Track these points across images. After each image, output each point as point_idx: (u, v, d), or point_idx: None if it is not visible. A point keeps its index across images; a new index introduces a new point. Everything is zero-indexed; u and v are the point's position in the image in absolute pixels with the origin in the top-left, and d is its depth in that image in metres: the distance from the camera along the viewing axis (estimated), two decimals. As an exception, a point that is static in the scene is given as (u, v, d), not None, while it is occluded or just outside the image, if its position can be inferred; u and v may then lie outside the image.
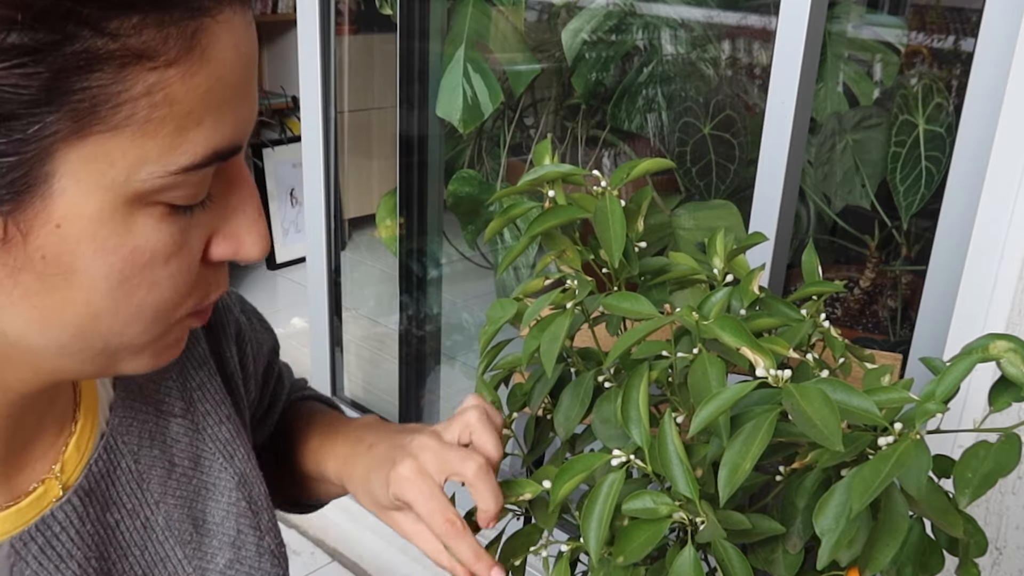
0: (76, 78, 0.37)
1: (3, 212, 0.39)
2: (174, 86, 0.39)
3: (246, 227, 0.47)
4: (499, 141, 2.06)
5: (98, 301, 0.43)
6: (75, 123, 0.38)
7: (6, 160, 0.37)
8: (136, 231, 0.42)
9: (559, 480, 0.61)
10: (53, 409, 0.54)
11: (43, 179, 0.38)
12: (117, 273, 0.42)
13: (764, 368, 0.54)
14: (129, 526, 0.58)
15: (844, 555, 0.54)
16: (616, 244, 0.69)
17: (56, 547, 0.52)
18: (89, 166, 0.39)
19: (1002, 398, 0.55)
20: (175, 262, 0.44)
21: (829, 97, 1.61)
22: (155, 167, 0.40)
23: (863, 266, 1.69)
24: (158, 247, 0.43)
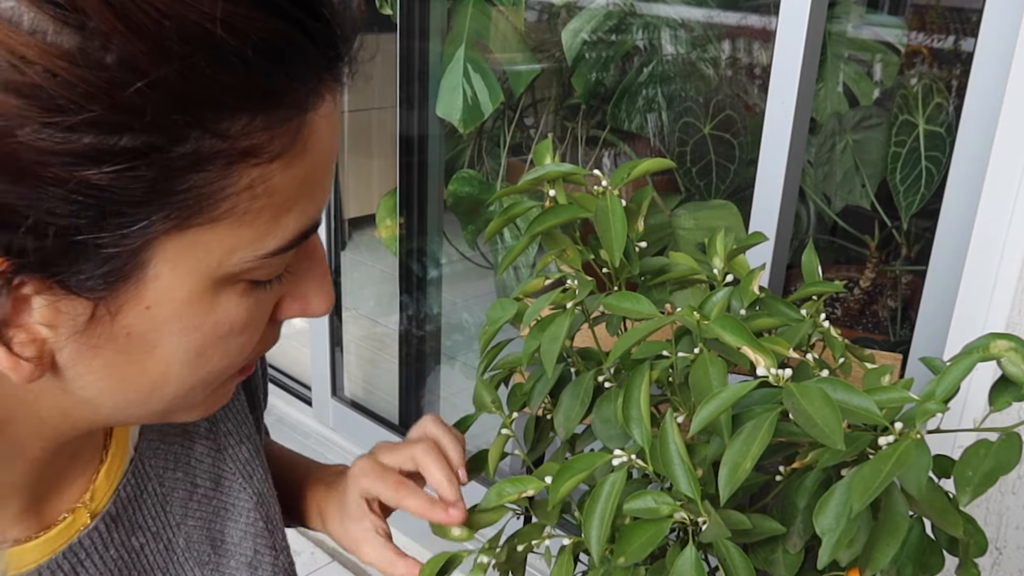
0: (183, 177, 0.37)
1: (95, 298, 0.39)
2: (275, 179, 0.40)
3: (315, 290, 0.48)
4: (499, 141, 2.06)
5: (174, 371, 0.44)
6: (177, 218, 0.38)
7: (105, 251, 0.37)
8: (219, 308, 0.43)
9: (559, 479, 0.61)
10: (89, 443, 0.55)
11: (139, 267, 0.39)
12: (196, 347, 0.44)
13: (765, 367, 0.54)
14: (153, 549, 0.59)
15: (844, 555, 0.54)
16: (617, 244, 0.69)
17: (84, 571, 0.53)
18: (185, 254, 0.40)
19: (1002, 397, 0.55)
20: (248, 331, 0.45)
21: (829, 97, 1.61)
22: (247, 252, 0.41)
23: (863, 266, 1.69)
24: (236, 320, 0.44)
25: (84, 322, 0.40)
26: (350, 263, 2.34)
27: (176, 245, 0.39)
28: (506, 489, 0.66)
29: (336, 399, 2.26)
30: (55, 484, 0.53)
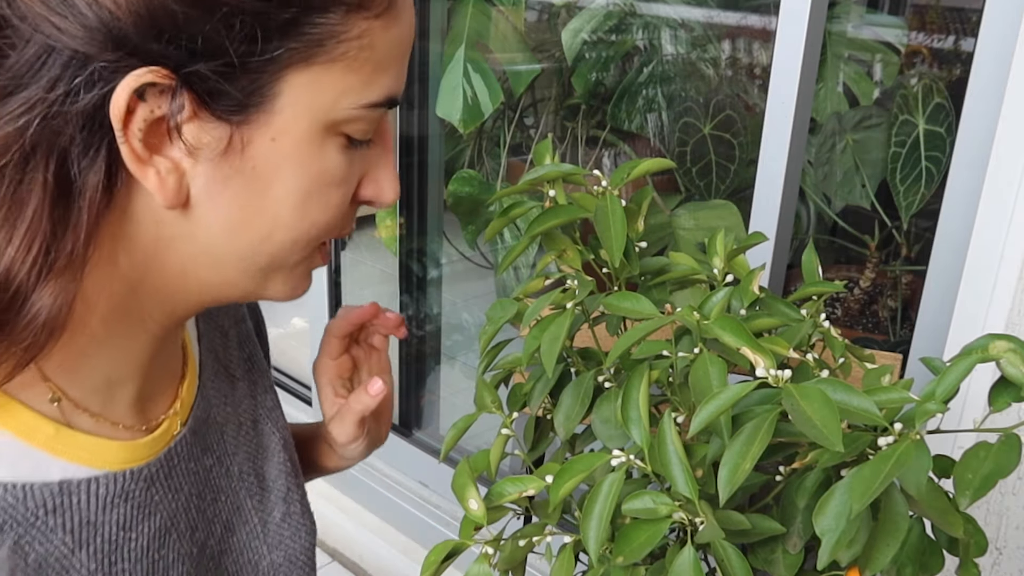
0: (316, 15, 0.45)
1: (234, 122, 0.46)
2: (377, 34, 0.48)
3: (386, 174, 0.55)
4: (499, 141, 2.06)
5: (284, 214, 0.50)
6: (306, 51, 0.46)
7: (249, 76, 0.45)
8: (325, 155, 0.50)
9: (559, 480, 0.61)
10: (174, 354, 0.62)
11: (271, 97, 0.46)
12: (304, 190, 0.50)
13: (764, 368, 0.54)
14: (218, 472, 0.65)
15: (844, 555, 0.54)
16: (617, 244, 0.69)
17: (175, 478, 0.59)
18: (306, 91, 0.47)
19: (1002, 398, 0.55)
20: (342, 190, 0.52)
21: (829, 97, 1.61)
22: (352, 99, 0.49)
23: (863, 266, 1.69)
24: (336, 172, 0.51)
25: (221, 150, 0.47)
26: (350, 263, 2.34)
27: (301, 81, 0.47)
28: (506, 488, 0.66)
29: (336, 399, 2.26)
30: (155, 386, 0.59)
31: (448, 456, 0.89)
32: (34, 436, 0.50)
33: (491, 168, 2.07)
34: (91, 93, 0.44)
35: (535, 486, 0.66)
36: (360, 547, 2.08)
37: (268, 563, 0.69)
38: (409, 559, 2.00)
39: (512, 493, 0.66)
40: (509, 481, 0.66)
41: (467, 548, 0.67)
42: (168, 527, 0.58)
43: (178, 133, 0.46)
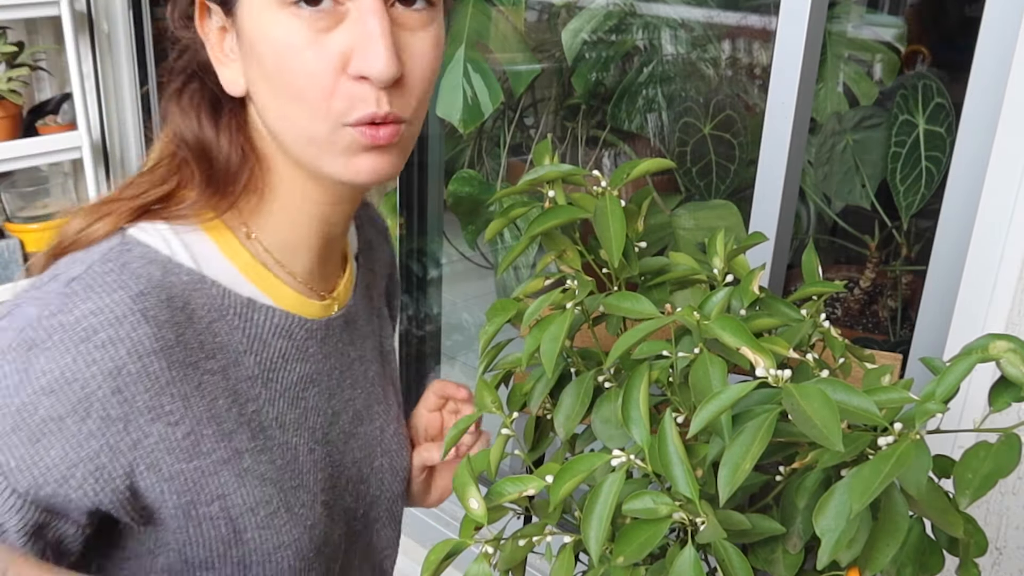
0: None
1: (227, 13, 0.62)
2: None
3: (366, 43, 0.59)
4: (499, 141, 2.06)
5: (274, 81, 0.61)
6: None
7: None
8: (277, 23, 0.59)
9: (559, 480, 0.61)
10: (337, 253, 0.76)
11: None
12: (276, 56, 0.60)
13: (764, 368, 0.54)
14: (358, 368, 0.79)
15: (844, 555, 0.54)
16: (616, 244, 0.69)
17: (328, 345, 0.75)
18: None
19: (1002, 398, 0.55)
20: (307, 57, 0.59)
21: (829, 97, 1.61)
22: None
23: (863, 266, 1.69)
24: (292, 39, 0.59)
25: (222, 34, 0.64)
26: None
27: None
28: (506, 488, 0.65)
29: (336, 399, 2.26)
30: (323, 269, 0.74)
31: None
32: (236, 258, 0.68)
33: (491, 168, 2.07)
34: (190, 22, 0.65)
35: (535, 486, 0.66)
36: (360, 547, 2.08)
37: (379, 464, 0.82)
38: (409, 559, 2.00)
39: (512, 493, 0.66)
40: (509, 481, 0.66)
41: (467, 547, 0.67)
42: (313, 378, 0.73)
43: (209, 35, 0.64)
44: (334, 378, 0.76)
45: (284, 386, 0.71)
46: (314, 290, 0.73)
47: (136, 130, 2.33)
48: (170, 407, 0.62)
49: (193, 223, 0.66)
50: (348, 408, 0.78)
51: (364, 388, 0.80)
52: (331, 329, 0.74)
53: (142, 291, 0.61)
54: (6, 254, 2.20)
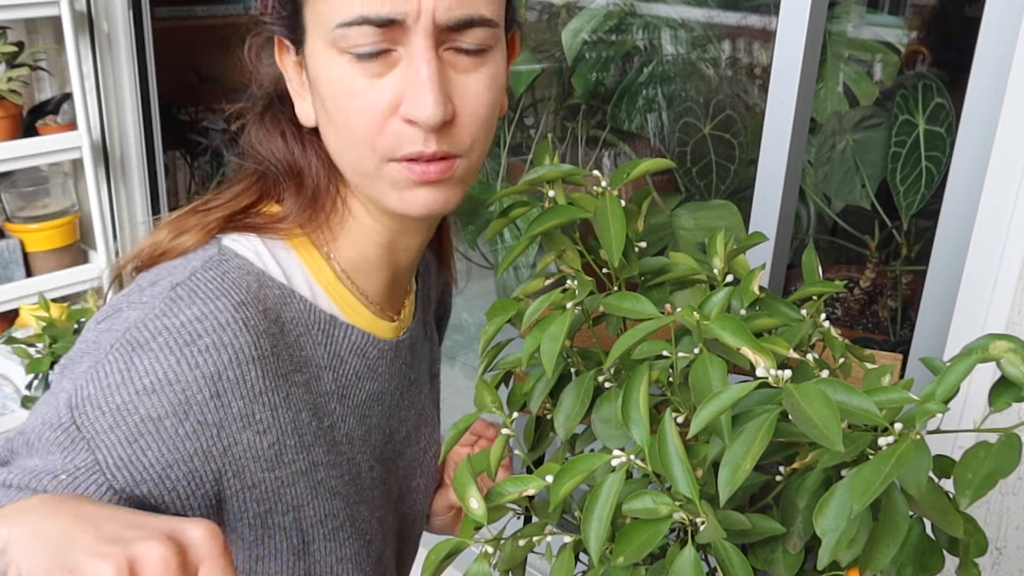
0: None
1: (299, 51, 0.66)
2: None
3: (415, 90, 0.61)
4: (499, 141, 2.05)
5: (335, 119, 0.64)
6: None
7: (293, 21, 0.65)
8: (337, 66, 0.62)
9: (559, 480, 0.61)
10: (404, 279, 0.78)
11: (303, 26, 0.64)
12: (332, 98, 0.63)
13: (764, 368, 0.54)
14: (415, 390, 0.82)
15: (844, 555, 0.54)
16: (616, 244, 0.69)
17: (395, 365, 0.77)
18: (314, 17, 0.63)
19: (1002, 398, 0.55)
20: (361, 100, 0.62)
21: (829, 97, 1.61)
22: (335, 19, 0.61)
23: (863, 266, 1.69)
24: (349, 83, 0.62)
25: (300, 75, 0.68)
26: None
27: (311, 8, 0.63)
28: (506, 488, 0.65)
29: (336, 399, 2.26)
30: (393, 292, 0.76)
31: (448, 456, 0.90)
32: (320, 275, 0.71)
33: (491, 168, 2.07)
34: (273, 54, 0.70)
35: (535, 486, 0.66)
36: (360, 547, 2.08)
37: (416, 484, 0.85)
38: (409, 559, 2.00)
39: (512, 493, 0.65)
40: (509, 481, 0.66)
41: (467, 547, 0.67)
42: (378, 397, 0.76)
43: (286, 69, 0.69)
44: (395, 398, 0.79)
45: (355, 403, 0.73)
46: (384, 311, 0.76)
47: (136, 130, 2.32)
48: (260, 416, 0.64)
49: (282, 237, 0.69)
50: (402, 428, 0.81)
51: (417, 409, 0.83)
52: (398, 350, 0.77)
53: (243, 300, 0.63)
54: (6, 254, 2.20)
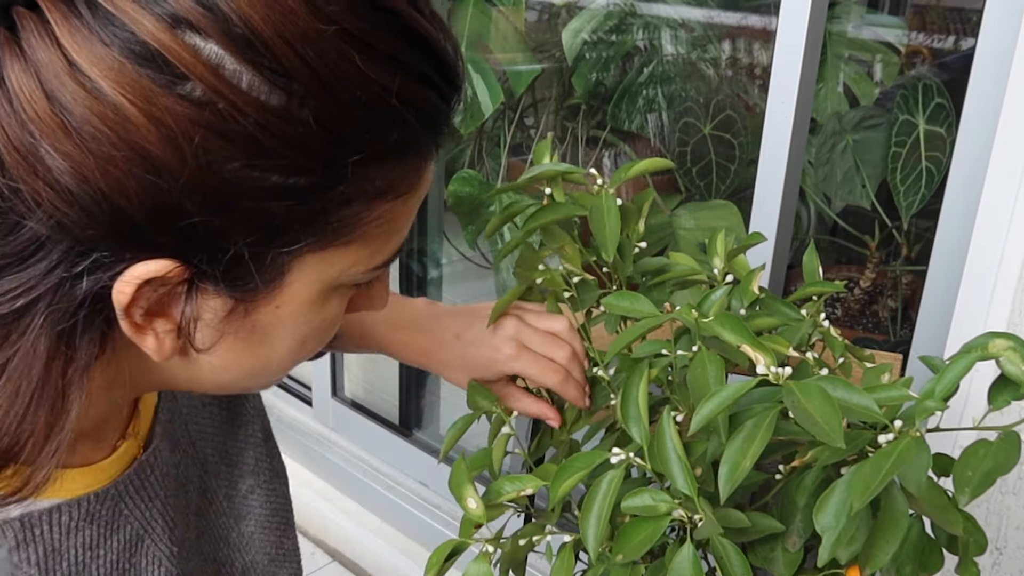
0: (335, 211, 0.45)
1: (239, 298, 0.46)
2: (397, 210, 0.48)
3: (380, 291, 0.57)
4: (499, 141, 2.06)
5: (277, 357, 0.52)
6: (321, 242, 0.46)
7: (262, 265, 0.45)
8: (327, 308, 0.51)
9: (558, 479, 0.61)
10: None
11: (280, 277, 0.46)
12: (302, 338, 0.51)
13: (764, 365, 0.54)
14: (185, 464, 0.65)
15: (844, 553, 0.54)
16: (611, 240, 0.69)
17: (149, 487, 0.59)
18: (316, 268, 0.47)
19: (1001, 396, 0.55)
20: (335, 326, 0.53)
21: (829, 97, 1.61)
22: (362, 267, 0.49)
23: (863, 266, 1.69)
24: (336, 316, 0.52)
25: (223, 316, 0.47)
26: None
27: (312, 261, 0.47)
28: (504, 487, 0.66)
29: (336, 399, 2.26)
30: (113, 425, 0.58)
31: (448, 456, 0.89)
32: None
33: (491, 168, 2.07)
34: (91, 278, 0.43)
35: (533, 485, 0.66)
36: (360, 547, 2.08)
37: (237, 534, 0.70)
38: (409, 559, 2.00)
39: (510, 492, 0.66)
40: (507, 480, 0.66)
41: (468, 547, 0.68)
42: (141, 535, 0.58)
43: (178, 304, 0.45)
44: (168, 508, 0.61)
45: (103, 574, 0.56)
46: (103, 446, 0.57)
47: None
48: None
49: None
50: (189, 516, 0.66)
51: (194, 479, 0.67)
52: (149, 466, 0.59)
53: None
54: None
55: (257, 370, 0.52)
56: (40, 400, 0.45)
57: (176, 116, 0.39)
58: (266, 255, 0.45)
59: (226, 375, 0.52)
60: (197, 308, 0.46)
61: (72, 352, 0.45)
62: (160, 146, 0.39)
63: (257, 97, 0.40)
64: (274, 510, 0.74)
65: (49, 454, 0.46)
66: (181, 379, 0.53)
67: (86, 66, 0.38)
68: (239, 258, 0.44)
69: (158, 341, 0.46)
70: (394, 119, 0.44)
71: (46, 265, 0.42)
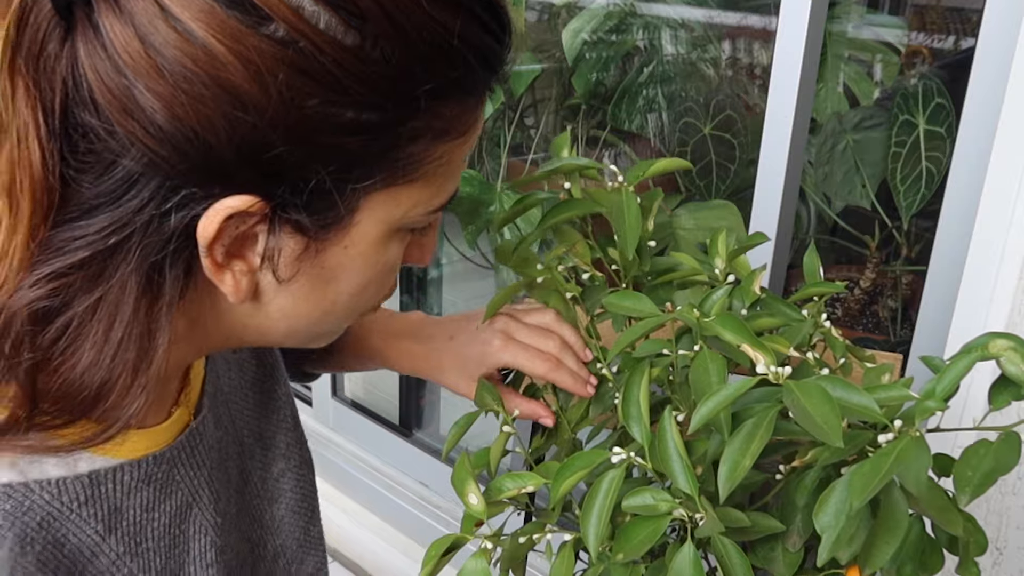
0: (404, 147, 0.48)
1: (310, 236, 0.49)
2: (456, 151, 0.51)
3: (430, 243, 0.59)
4: (499, 141, 2.06)
5: (342, 301, 0.54)
6: (390, 178, 0.49)
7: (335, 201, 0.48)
8: (389, 250, 0.53)
9: (559, 478, 0.61)
10: None
11: (351, 215, 0.49)
12: (365, 281, 0.54)
13: (764, 365, 0.54)
14: (227, 441, 0.67)
15: (844, 553, 0.54)
16: (631, 239, 0.69)
17: (198, 456, 0.62)
18: (383, 207, 0.50)
19: (1001, 396, 0.55)
20: (395, 273, 0.56)
21: (829, 97, 1.61)
22: (423, 208, 0.52)
23: (863, 266, 1.69)
24: (396, 261, 0.55)
25: (296, 256, 0.50)
26: None
27: (380, 199, 0.50)
28: (505, 484, 0.66)
29: (336, 399, 2.26)
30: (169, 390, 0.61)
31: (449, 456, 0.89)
32: None
33: (491, 168, 2.07)
34: (180, 214, 0.45)
35: (534, 482, 0.66)
36: (360, 547, 2.08)
37: (270, 516, 0.73)
38: (409, 559, 2.00)
39: (511, 489, 0.66)
40: (508, 477, 0.66)
41: (467, 542, 0.68)
42: (190, 502, 0.61)
43: (258, 243, 0.48)
44: (214, 479, 0.63)
45: (157, 536, 0.59)
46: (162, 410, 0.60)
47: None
48: None
49: None
50: (231, 494, 0.67)
51: (234, 456, 0.69)
52: (195, 439, 0.61)
53: None
54: (6, 254, 2.20)
55: (321, 316, 0.54)
56: (130, 337, 0.48)
57: (262, 54, 0.42)
58: (340, 190, 0.47)
59: (292, 321, 0.54)
60: (273, 247, 0.49)
61: (159, 291, 0.48)
62: (247, 83, 0.42)
63: (334, 36, 0.43)
64: (303, 495, 0.77)
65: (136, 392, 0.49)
66: (251, 329, 0.55)
67: (177, 11, 0.41)
68: (315, 193, 0.47)
69: (235, 281, 0.49)
70: (456, 59, 0.47)
71: (138, 202, 0.45)
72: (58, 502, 0.52)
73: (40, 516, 0.51)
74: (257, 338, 0.56)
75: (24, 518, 0.50)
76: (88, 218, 0.45)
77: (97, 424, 0.50)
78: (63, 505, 0.52)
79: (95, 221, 0.45)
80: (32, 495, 0.50)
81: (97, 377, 0.48)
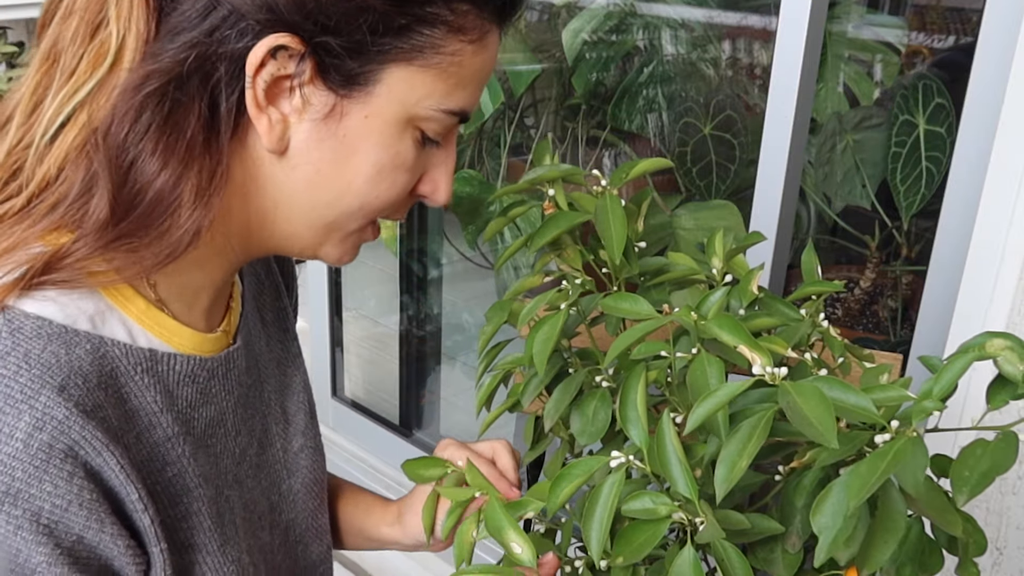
0: (423, 27, 0.57)
1: (340, 94, 0.57)
2: (466, 57, 0.59)
3: (444, 176, 0.65)
4: (499, 141, 2.05)
5: (358, 182, 0.60)
6: (409, 52, 0.57)
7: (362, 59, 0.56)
8: (402, 142, 0.60)
9: (557, 485, 0.61)
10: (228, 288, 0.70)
11: (373, 82, 0.57)
12: (379, 165, 0.59)
13: (761, 366, 0.54)
14: (255, 393, 0.73)
15: (842, 553, 0.54)
16: (617, 243, 0.69)
17: (229, 379, 0.68)
18: (401, 84, 0.58)
19: (999, 396, 0.55)
20: (407, 176, 0.61)
21: (829, 97, 1.61)
22: (434, 102, 0.59)
23: (863, 266, 1.68)
24: (407, 159, 0.60)
25: (323, 115, 0.57)
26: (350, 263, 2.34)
27: (399, 74, 0.57)
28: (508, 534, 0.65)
29: (336, 399, 2.26)
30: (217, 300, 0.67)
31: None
32: (130, 306, 0.59)
33: (491, 168, 2.07)
34: (239, 43, 0.54)
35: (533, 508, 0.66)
36: (360, 547, 2.08)
37: (287, 487, 0.78)
38: (409, 559, 2.00)
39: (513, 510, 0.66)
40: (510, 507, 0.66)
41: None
42: (218, 420, 0.67)
43: (294, 91, 0.56)
44: (238, 412, 0.69)
45: (196, 439, 0.64)
46: (207, 324, 0.66)
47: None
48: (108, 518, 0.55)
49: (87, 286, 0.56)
50: (252, 442, 0.72)
51: (260, 412, 0.74)
52: (230, 363, 0.67)
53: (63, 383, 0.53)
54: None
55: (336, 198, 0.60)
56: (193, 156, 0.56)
57: None
58: (364, 52, 0.56)
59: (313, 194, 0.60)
60: (304, 97, 0.57)
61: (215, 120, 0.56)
62: None
63: None
64: (316, 479, 0.81)
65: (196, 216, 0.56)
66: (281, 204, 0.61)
67: None
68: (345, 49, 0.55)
69: (270, 124, 0.57)
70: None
71: (209, 25, 0.54)
72: (125, 360, 0.58)
73: (111, 367, 0.57)
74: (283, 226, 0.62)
75: (101, 362, 0.56)
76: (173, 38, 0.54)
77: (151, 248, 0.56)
78: (128, 366, 0.58)
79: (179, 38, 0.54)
80: (105, 346, 0.57)
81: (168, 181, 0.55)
